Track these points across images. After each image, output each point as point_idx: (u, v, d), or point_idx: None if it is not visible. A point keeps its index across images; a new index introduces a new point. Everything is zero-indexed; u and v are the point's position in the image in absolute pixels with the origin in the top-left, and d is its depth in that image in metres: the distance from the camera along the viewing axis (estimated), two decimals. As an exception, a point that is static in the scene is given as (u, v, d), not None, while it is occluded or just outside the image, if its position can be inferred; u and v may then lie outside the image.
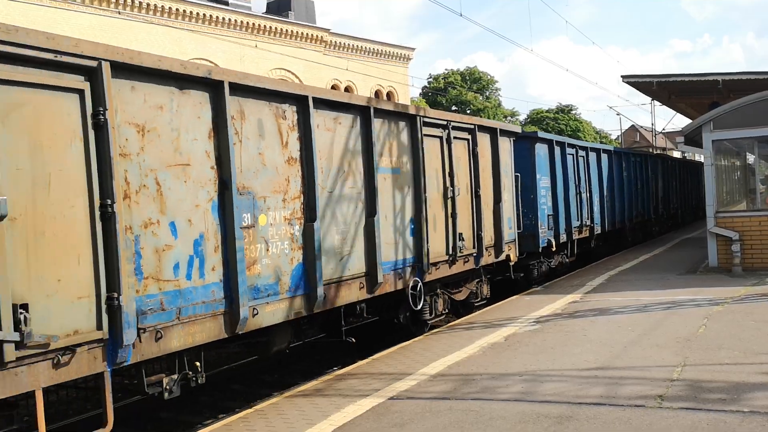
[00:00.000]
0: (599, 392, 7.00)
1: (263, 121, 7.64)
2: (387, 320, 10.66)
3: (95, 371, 5.70)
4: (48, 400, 6.04)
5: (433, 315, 11.26)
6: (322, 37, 47.39)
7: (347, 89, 49.30)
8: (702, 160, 17.30)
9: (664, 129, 46.04)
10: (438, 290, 11.45)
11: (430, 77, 75.26)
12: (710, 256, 16.01)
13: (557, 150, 17.28)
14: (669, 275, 15.74)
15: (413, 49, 56.49)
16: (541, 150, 16.41)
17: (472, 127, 12.32)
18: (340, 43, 49.46)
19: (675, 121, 46.39)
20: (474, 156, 12.26)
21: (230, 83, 7.07)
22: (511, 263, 13.88)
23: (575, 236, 17.94)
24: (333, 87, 47.91)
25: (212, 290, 6.82)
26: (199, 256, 6.71)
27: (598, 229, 19.71)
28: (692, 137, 17.42)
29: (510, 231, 13.65)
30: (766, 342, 8.77)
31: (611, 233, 21.13)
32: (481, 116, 65.66)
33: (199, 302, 6.67)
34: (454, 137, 11.58)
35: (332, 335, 9.81)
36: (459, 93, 71.06)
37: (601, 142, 65.49)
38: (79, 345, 5.50)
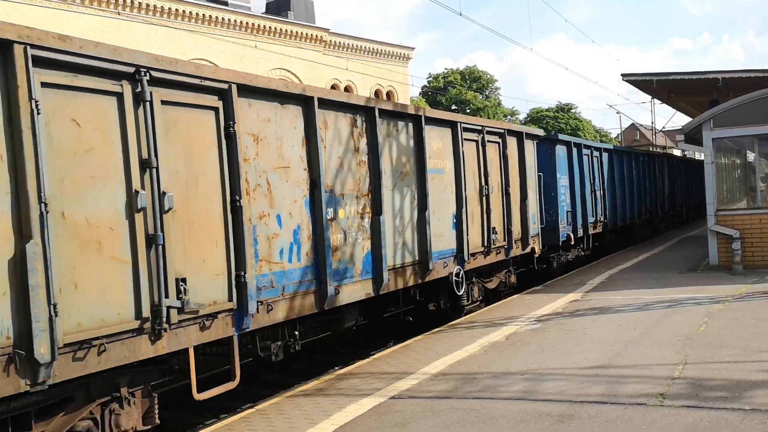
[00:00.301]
0: (600, 391, 7.01)
1: (341, 130, 9.06)
2: (423, 307, 11.76)
3: (227, 335, 7.10)
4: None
5: (469, 301, 12.44)
6: (321, 37, 47.40)
7: (347, 89, 49.31)
8: (703, 158, 17.27)
9: (664, 127, 46.04)
10: (474, 279, 12.62)
11: (430, 77, 75.25)
12: (711, 254, 16.01)
13: (575, 151, 18.38)
14: (669, 274, 15.74)
15: (413, 48, 56.53)
16: (560, 151, 17.52)
17: (503, 131, 13.61)
18: (339, 42, 49.47)
19: (675, 119, 46.70)
20: (504, 158, 13.53)
21: (318, 98, 8.48)
22: (536, 255, 15.18)
23: (590, 231, 19.18)
24: (333, 87, 47.91)
25: (306, 272, 8.26)
26: (297, 243, 8.16)
27: (610, 225, 20.95)
28: (692, 135, 17.42)
29: (534, 226, 14.90)
30: (767, 340, 8.77)
31: (622, 229, 22.22)
32: (480, 115, 65.64)
33: (297, 282, 8.10)
34: (488, 141, 12.87)
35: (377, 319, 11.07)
36: (459, 92, 71.04)
37: (601, 141, 65.44)
38: (218, 313, 6.95)
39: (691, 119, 21.77)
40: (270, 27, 44.03)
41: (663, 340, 9.10)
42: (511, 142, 13.91)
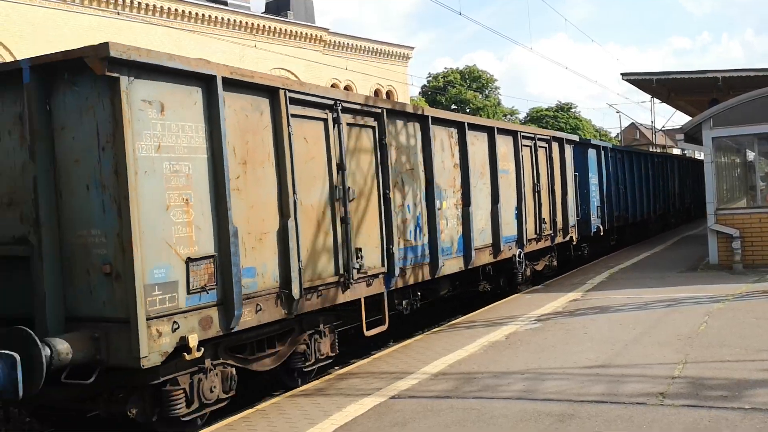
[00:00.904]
0: (601, 390, 7.01)
1: (443, 141, 11.64)
2: (493, 281, 14.00)
3: (380, 291, 9.72)
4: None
5: (522, 279, 14.70)
6: (321, 36, 47.39)
7: (346, 88, 49.27)
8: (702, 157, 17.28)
9: (663, 126, 46.05)
10: (526, 261, 14.66)
11: (430, 76, 75.27)
12: (711, 253, 16.01)
13: (603, 153, 20.89)
14: (669, 273, 15.74)
15: (412, 48, 56.52)
16: (591, 154, 19.86)
17: (549, 138, 16.36)
18: (339, 42, 49.46)
19: (675, 118, 46.74)
20: (550, 160, 16.13)
21: (432, 117, 11.25)
22: (573, 243, 17.69)
23: (615, 224, 21.62)
24: (332, 86, 47.86)
25: (424, 248, 10.86)
26: (419, 226, 10.75)
27: (630, 219, 23.35)
28: (692, 134, 17.42)
29: (572, 218, 17.40)
30: (767, 339, 8.77)
31: (639, 223, 24.68)
32: (480, 115, 65.64)
33: (419, 255, 10.71)
34: (538, 146, 15.51)
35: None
36: (458, 92, 71.04)
37: (601, 140, 65.43)
38: (377, 275, 9.57)
39: (691, 118, 21.77)
40: (269, 27, 44.02)
41: (663, 340, 9.10)
42: (555, 147, 16.49)
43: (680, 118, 38.52)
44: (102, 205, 6.26)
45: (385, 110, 9.86)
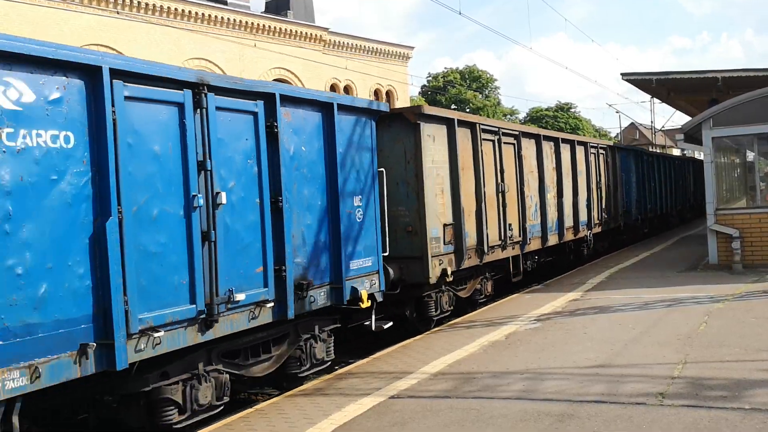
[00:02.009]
0: (600, 390, 7.00)
1: (547, 151, 16.27)
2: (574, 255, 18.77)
3: (518, 253, 14.29)
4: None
5: (586, 254, 19.19)
6: (321, 36, 47.34)
7: (346, 88, 49.26)
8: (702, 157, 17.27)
9: (663, 126, 46.02)
10: (593, 240, 19.33)
11: (429, 76, 75.26)
12: (710, 253, 16.01)
13: (638, 157, 25.12)
14: (669, 273, 15.74)
15: (412, 47, 56.44)
16: (631, 157, 24.02)
17: (606, 146, 21.53)
18: (339, 42, 49.40)
19: (674, 118, 46.80)
20: (606, 163, 20.89)
21: (543, 135, 16.31)
22: (621, 228, 22.40)
23: (647, 215, 26.08)
24: (332, 86, 47.82)
25: (537, 227, 15.36)
26: (535, 211, 15.36)
27: (657, 212, 27.65)
28: (692, 134, 17.41)
29: (621, 209, 21.93)
30: (767, 339, 8.76)
31: (662, 216, 28.72)
32: (480, 114, 65.63)
33: (536, 231, 15.33)
34: (600, 153, 20.39)
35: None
36: (458, 92, 71.04)
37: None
38: (517, 242, 14.19)
39: (691, 118, 21.77)
40: (269, 26, 43.97)
41: (663, 340, 9.10)
42: (609, 153, 21.47)
43: (680, 118, 38.70)
44: (407, 193, 11.14)
45: (520, 132, 15.00)
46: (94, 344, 5.66)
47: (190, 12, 39.56)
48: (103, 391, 6.49)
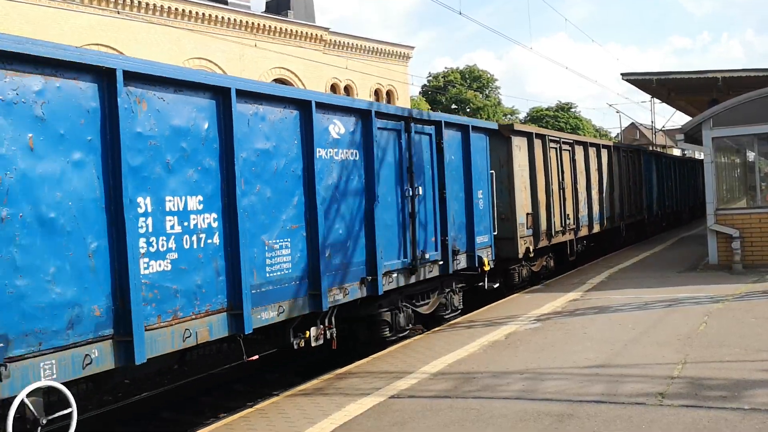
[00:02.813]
0: (600, 390, 7.01)
1: (590, 154, 19.37)
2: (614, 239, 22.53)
3: (572, 238, 17.84)
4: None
5: (623, 238, 22.97)
6: (321, 36, 47.35)
7: (347, 88, 49.26)
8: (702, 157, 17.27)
9: (663, 126, 46.00)
10: (626, 230, 23.13)
11: (430, 76, 75.29)
12: (710, 253, 16.01)
13: (657, 159, 28.76)
14: (669, 273, 15.74)
15: (413, 47, 56.44)
16: (653, 160, 27.82)
17: (633, 149, 25.68)
18: (339, 41, 49.40)
19: (675, 118, 46.71)
20: (634, 164, 24.40)
21: (589, 143, 19.65)
22: (645, 221, 25.83)
23: (666, 211, 29.61)
24: (332, 86, 47.84)
25: (587, 217, 18.86)
26: (584, 203, 18.69)
27: (673, 209, 31.09)
28: (692, 135, 17.41)
29: (645, 205, 25.77)
30: (767, 339, 8.77)
31: (676, 212, 31.94)
32: (480, 114, 65.65)
33: (584, 220, 18.65)
34: (630, 156, 24.03)
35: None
36: (459, 91, 71.06)
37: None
38: (572, 229, 17.75)
39: (691, 118, 21.77)
40: (270, 26, 43.98)
41: (662, 340, 9.10)
42: (637, 155, 25.33)
43: (680, 118, 38.79)
44: (501, 190, 14.27)
45: (574, 141, 18.48)
46: (368, 278, 9.53)
47: (190, 12, 39.58)
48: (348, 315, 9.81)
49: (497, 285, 13.43)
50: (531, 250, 15.11)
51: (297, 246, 8.20)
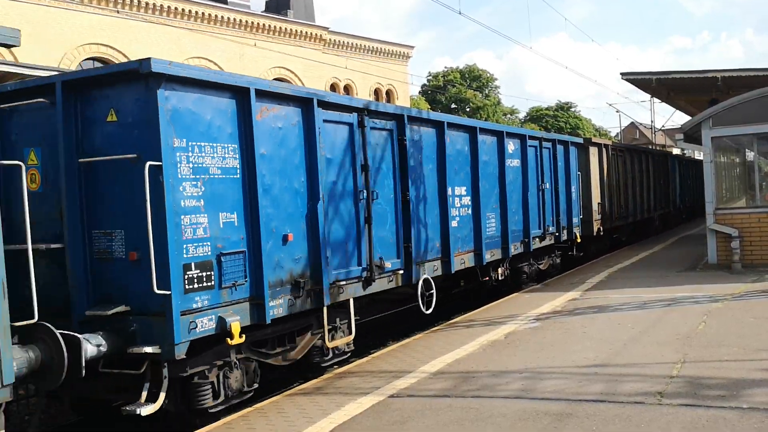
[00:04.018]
0: (599, 389, 7.02)
1: (635, 158, 23.96)
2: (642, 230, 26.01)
3: (609, 228, 20.89)
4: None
5: (654, 231, 26.88)
6: (321, 35, 47.35)
7: (346, 88, 49.25)
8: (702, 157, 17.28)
9: (663, 126, 45.98)
10: (659, 221, 27.85)
11: (430, 75, 75.25)
12: (710, 253, 16.01)
13: (680, 162, 33.91)
14: (668, 272, 15.75)
15: (412, 47, 56.44)
16: (676, 162, 32.30)
17: (664, 153, 29.35)
18: (339, 41, 49.39)
19: (674, 118, 46.80)
20: (664, 166, 28.79)
21: (633, 148, 25.81)
22: (671, 213, 30.25)
23: (685, 206, 33.97)
24: (332, 85, 47.83)
25: (633, 208, 23.55)
26: (632, 197, 23.49)
27: (690, 204, 35.23)
28: (691, 134, 17.42)
29: (670, 199, 30.03)
30: (766, 339, 8.78)
31: (691, 208, 35.56)
32: (480, 114, 65.66)
33: (631, 210, 23.34)
34: (661, 159, 28.53)
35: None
36: (458, 91, 71.04)
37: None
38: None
39: (691, 118, 21.78)
40: (269, 25, 43.98)
41: (662, 339, 9.11)
42: (665, 158, 29.86)
43: (680, 118, 38.94)
44: (577, 189, 18.24)
45: (626, 148, 22.75)
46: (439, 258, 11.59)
47: (190, 11, 39.57)
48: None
49: (581, 254, 18.73)
50: (601, 230, 20.06)
51: (496, 219, 13.65)
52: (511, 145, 14.23)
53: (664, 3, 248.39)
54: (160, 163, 6.50)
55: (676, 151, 53.39)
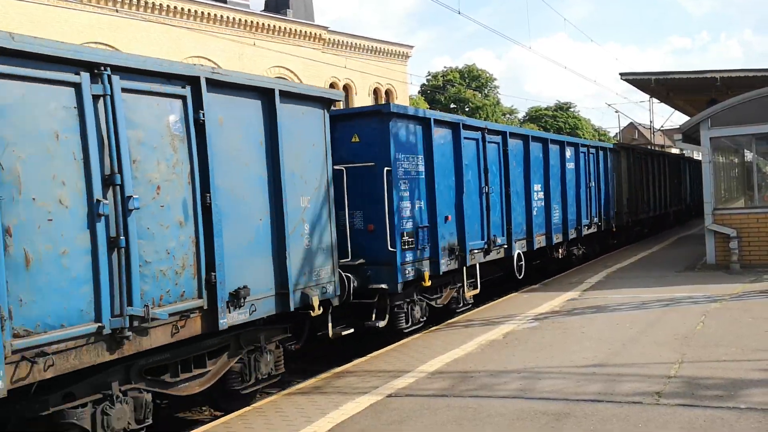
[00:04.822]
0: (597, 389, 7.03)
1: (655, 162, 27.36)
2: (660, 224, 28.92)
3: (647, 216, 26.32)
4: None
5: (671, 224, 30.13)
6: (320, 35, 47.33)
7: (346, 87, 49.21)
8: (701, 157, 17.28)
9: (662, 126, 46.02)
10: (675, 216, 31.01)
11: (429, 75, 75.22)
12: (708, 253, 16.03)
13: (691, 163, 36.28)
14: (667, 272, 15.76)
15: (412, 46, 56.37)
16: (687, 164, 35.45)
17: (678, 156, 31.92)
18: (338, 41, 49.35)
19: (673, 118, 46.93)
20: (678, 167, 31.70)
21: (661, 154, 30.59)
22: (683, 210, 33.19)
23: (693, 204, 36.03)
24: (331, 85, 47.79)
25: (653, 204, 27.27)
26: (653, 196, 27.11)
27: (698, 201, 36.62)
28: (690, 134, 17.43)
29: (682, 197, 32.86)
30: (764, 339, 8.79)
31: (699, 205, 42.41)
32: (479, 114, 65.66)
33: (659, 202, 28.37)
34: (674, 161, 30.80)
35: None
36: (458, 91, 71.03)
37: (600, 140, 65.54)
38: (655, 208, 27.83)
39: (690, 118, 21.79)
40: (269, 25, 43.95)
41: (660, 339, 9.12)
42: (678, 160, 32.64)
43: (679, 118, 39.14)
44: (612, 187, 21.48)
45: (649, 153, 25.73)
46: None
47: (189, 10, 39.54)
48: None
49: (615, 241, 22.43)
50: (630, 222, 23.04)
51: (559, 210, 17.07)
52: (568, 152, 17.66)
53: (663, 3, 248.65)
54: (390, 168, 10.21)
55: (675, 151, 53.50)
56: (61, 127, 5.67)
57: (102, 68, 6.00)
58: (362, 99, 49.50)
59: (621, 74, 24.50)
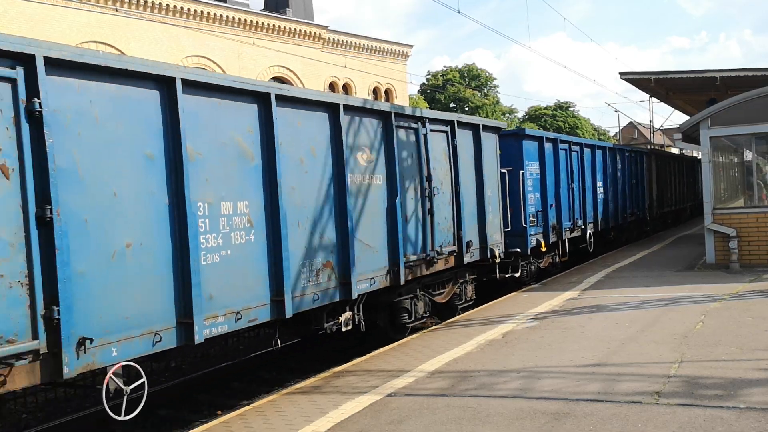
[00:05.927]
0: (596, 389, 7.03)
1: (674, 164, 31.80)
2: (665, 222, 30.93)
3: (663, 211, 29.46)
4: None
5: (683, 221, 33.73)
6: (320, 34, 47.32)
7: (345, 87, 49.22)
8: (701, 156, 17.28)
9: (662, 126, 46.04)
10: (688, 211, 34.79)
11: (429, 74, 75.22)
12: (708, 252, 16.03)
13: (699, 165, 36.70)
14: (666, 272, 15.77)
15: (411, 46, 56.41)
16: (689, 163, 36.55)
17: (688, 158, 34.65)
18: (338, 40, 49.35)
19: (673, 117, 47.09)
20: (688, 168, 34.70)
21: (677, 156, 35.17)
22: (693, 206, 35.42)
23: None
24: (331, 84, 47.81)
25: (678, 197, 32.70)
26: (671, 194, 31.06)
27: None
28: (690, 134, 17.43)
29: (691, 195, 35.22)
30: (763, 338, 8.79)
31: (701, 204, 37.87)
32: (479, 113, 65.66)
33: (675, 198, 31.91)
34: (685, 163, 34.48)
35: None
36: (457, 90, 71.03)
37: (600, 140, 65.50)
38: (670, 204, 31.51)
39: (689, 118, 21.78)
40: (268, 24, 43.94)
41: (659, 338, 9.12)
42: (685, 161, 34.56)
43: (678, 118, 39.18)
44: (645, 184, 26.18)
45: (670, 156, 30.18)
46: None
47: (188, 9, 39.53)
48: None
49: (648, 228, 26.39)
50: (657, 214, 27.35)
51: (611, 201, 22.19)
52: (618, 156, 22.54)
53: (662, 3, 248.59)
54: (523, 171, 14.80)
55: (674, 150, 53.63)
56: None
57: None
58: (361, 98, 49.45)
59: (621, 73, 24.47)
